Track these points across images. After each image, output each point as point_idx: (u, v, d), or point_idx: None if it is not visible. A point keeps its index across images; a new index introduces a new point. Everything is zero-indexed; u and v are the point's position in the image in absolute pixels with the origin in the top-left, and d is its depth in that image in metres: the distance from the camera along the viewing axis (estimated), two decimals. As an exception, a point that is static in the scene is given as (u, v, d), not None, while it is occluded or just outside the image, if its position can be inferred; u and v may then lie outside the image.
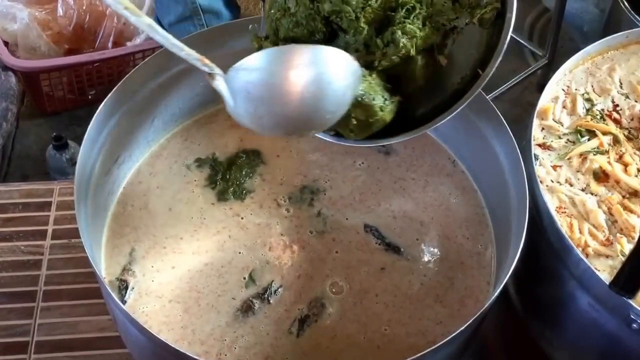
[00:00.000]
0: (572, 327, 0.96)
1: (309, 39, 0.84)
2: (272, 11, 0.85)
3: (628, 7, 1.53)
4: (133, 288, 0.93)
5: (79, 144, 1.89)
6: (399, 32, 0.82)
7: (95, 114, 0.96)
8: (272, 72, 0.77)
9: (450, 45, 0.87)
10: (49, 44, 2.00)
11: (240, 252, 0.98)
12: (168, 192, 1.03)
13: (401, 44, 0.82)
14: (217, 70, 0.77)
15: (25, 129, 2.09)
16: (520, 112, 2.03)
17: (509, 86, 1.97)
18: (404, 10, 0.83)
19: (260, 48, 0.86)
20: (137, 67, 1.00)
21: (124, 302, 0.92)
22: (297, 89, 0.77)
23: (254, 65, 0.77)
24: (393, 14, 0.83)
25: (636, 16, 1.53)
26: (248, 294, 0.94)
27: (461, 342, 0.86)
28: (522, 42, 2.11)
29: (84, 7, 2.02)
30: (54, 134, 1.84)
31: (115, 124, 1.00)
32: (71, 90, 2.05)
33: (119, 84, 0.99)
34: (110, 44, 2.05)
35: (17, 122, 2.09)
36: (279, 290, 0.95)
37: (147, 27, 0.75)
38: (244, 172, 1.05)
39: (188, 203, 1.02)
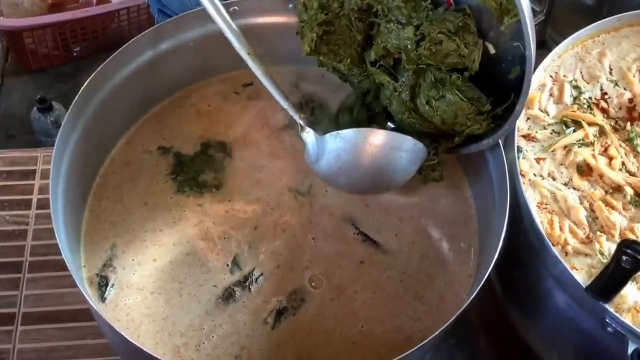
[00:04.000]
0: (549, 321, 0.96)
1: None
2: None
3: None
4: (113, 285, 0.93)
5: (65, 102, 1.87)
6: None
7: (72, 104, 0.94)
8: (362, 148, 0.91)
9: (496, 36, 0.87)
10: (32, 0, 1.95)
11: (224, 237, 0.98)
12: (141, 185, 1.02)
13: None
14: (308, 128, 0.95)
15: (10, 87, 2.06)
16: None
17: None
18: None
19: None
20: (112, 56, 0.98)
21: (104, 299, 0.92)
22: (377, 166, 0.92)
23: (349, 137, 0.91)
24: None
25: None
26: (230, 281, 0.94)
27: (437, 340, 0.86)
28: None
29: (67, -38, 1.96)
30: (38, 96, 1.81)
31: (91, 113, 0.98)
32: (56, 47, 2.02)
33: (95, 72, 0.96)
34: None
35: (2, 79, 2.06)
36: (260, 279, 0.95)
37: (262, 75, 0.94)
38: (208, 165, 1.05)
39: (162, 195, 1.01)
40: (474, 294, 0.83)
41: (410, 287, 0.95)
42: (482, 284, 0.83)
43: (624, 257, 0.73)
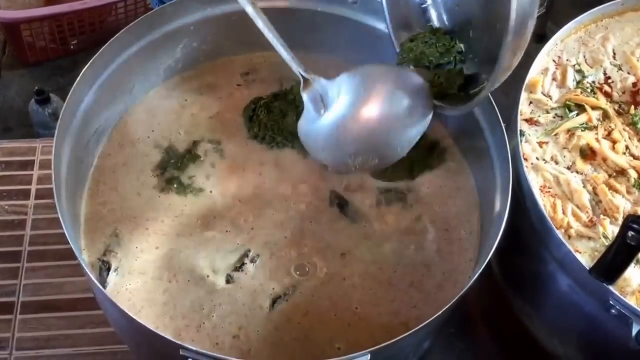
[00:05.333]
0: (551, 306, 0.95)
1: None
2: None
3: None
4: (117, 268, 0.93)
5: (62, 96, 1.86)
6: None
7: (74, 85, 0.93)
8: (375, 78, 0.91)
9: None
10: (30, -9, 1.94)
11: (227, 231, 0.97)
12: (133, 173, 1.01)
13: None
14: (313, 76, 0.90)
15: (8, 80, 2.05)
16: (514, 62, 1.96)
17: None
18: None
19: None
20: (114, 37, 0.99)
21: (105, 285, 0.91)
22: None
23: (364, 71, 0.90)
24: None
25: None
26: (230, 268, 0.94)
27: (438, 323, 0.86)
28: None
29: (65, -47, 1.95)
30: (36, 87, 1.79)
31: (94, 94, 0.97)
32: (53, 40, 2.00)
33: (97, 54, 0.97)
34: (92, -9, 1.98)
35: (-1, 72, 2.05)
36: (257, 263, 0.94)
37: (263, 24, 0.88)
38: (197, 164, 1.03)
39: (151, 188, 1.00)
40: (476, 276, 0.82)
41: (404, 276, 0.94)
42: (483, 266, 0.83)
43: (629, 233, 0.72)
